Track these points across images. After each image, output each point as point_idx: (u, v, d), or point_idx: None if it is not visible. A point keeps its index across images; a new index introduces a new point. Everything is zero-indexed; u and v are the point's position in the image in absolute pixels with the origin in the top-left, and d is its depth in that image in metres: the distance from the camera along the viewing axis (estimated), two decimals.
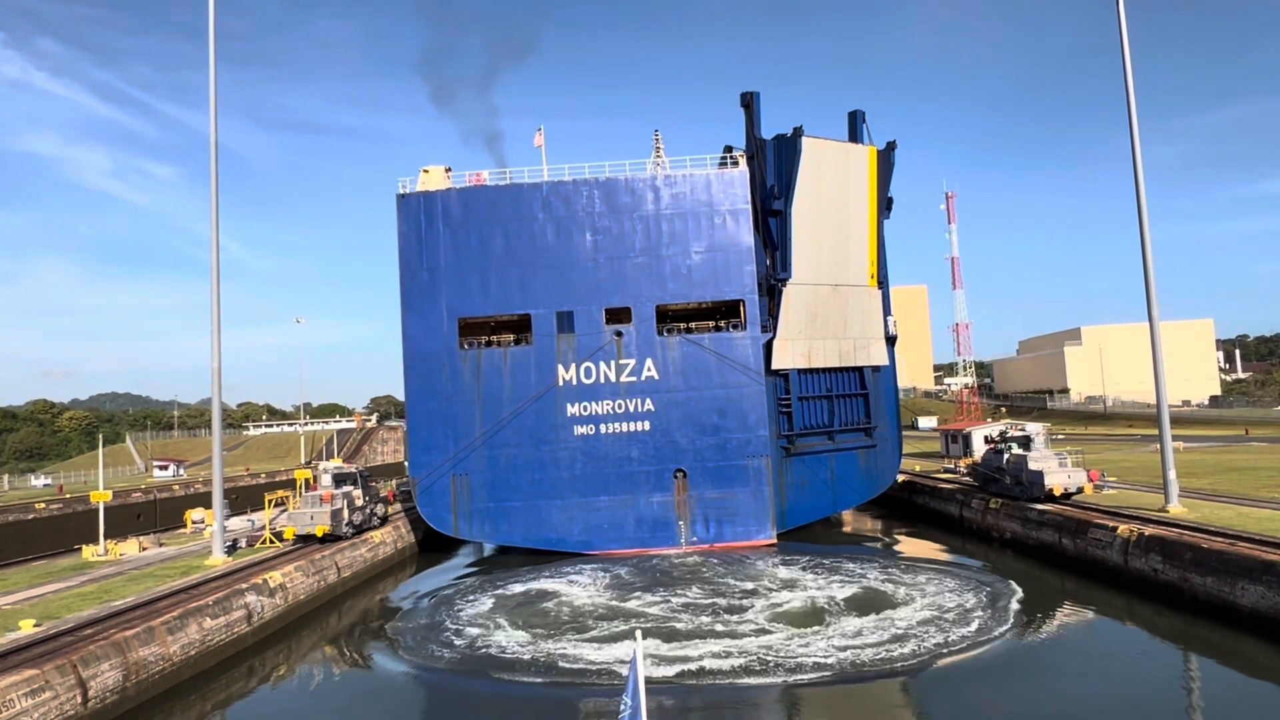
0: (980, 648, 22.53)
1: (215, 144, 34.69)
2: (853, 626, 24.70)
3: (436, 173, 44.80)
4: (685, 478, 42.74)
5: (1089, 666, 21.00)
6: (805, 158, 44.04)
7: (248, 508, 59.94)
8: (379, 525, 43.86)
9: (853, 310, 46.83)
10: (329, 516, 37.95)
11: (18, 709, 17.61)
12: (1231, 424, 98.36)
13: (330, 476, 40.86)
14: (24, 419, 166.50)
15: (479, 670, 23.00)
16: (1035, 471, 38.19)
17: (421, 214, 43.68)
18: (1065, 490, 37.34)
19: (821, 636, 23.80)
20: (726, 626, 25.56)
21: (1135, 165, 33.85)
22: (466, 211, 43.76)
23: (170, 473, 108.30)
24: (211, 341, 34.48)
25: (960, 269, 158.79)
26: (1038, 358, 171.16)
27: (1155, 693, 19.54)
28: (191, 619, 24.66)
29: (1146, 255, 33.64)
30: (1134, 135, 33.79)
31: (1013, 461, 40.34)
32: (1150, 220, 33.69)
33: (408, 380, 43.78)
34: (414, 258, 43.72)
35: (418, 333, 43.55)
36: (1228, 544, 25.31)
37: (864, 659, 21.68)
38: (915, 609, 26.62)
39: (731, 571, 34.91)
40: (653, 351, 43.31)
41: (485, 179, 44.95)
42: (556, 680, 21.58)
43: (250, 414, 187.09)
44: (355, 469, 43.93)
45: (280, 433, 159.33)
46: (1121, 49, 33.86)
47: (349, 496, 40.41)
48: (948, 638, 23.25)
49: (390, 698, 22.13)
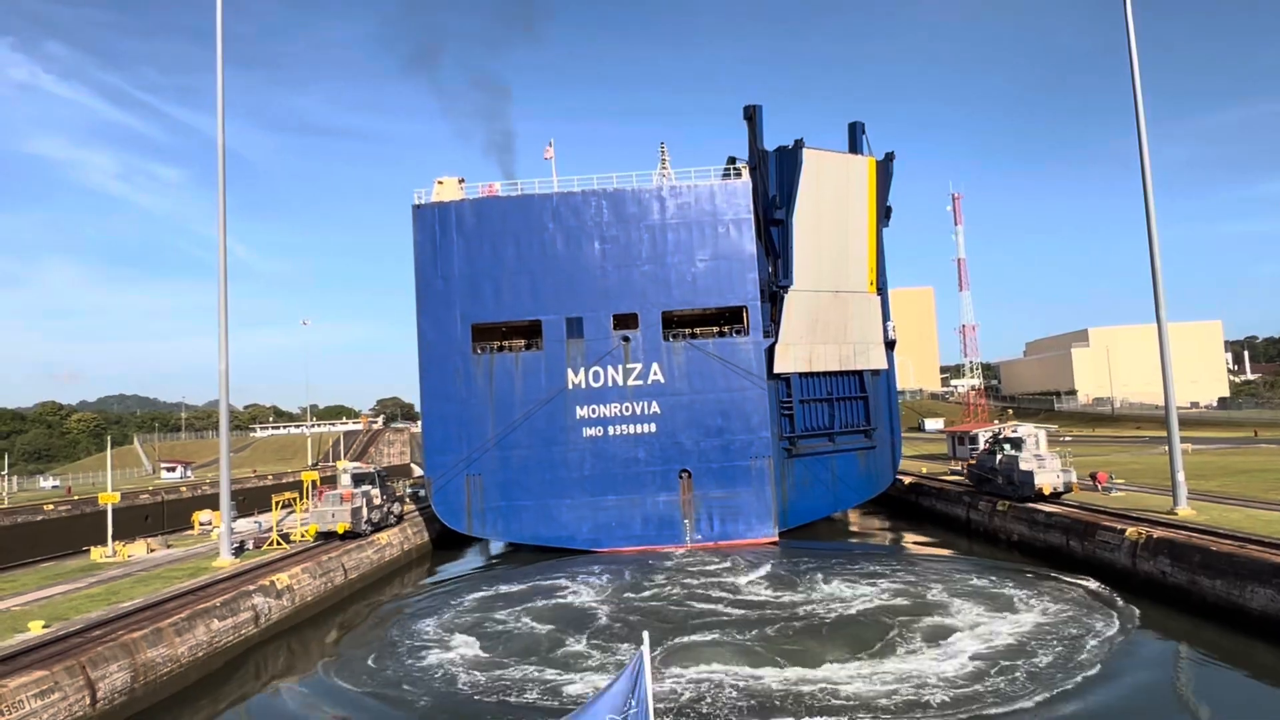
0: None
1: (223, 147, 35.48)
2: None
3: (450, 184, 47.10)
4: (690, 478, 44.96)
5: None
6: (806, 169, 46.23)
7: (255, 510, 60.80)
8: (396, 523, 46.18)
9: (853, 316, 49.01)
10: (349, 514, 40.29)
11: (27, 710, 17.87)
12: (1240, 425, 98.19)
13: (350, 476, 43.20)
14: (32, 421, 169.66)
15: (486, 667, 23.49)
16: (1025, 471, 40.33)
17: (436, 224, 45.98)
18: (1054, 489, 39.45)
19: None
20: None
21: (1143, 167, 33.80)
22: (480, 221, 46.05)
23: (178, 474, 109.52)
24: (218, 343, 35.22)
25: (967, 270, 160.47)
26: (1045, 359, 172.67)
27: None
28: (199, 620, 25.00)
29: (1154, 256, 33.64)
30: (1141, 136, 33.78)
31: (1005, 462, 42.48)
32: (1158, 221, 33.72)
33: (423, 384, 46.06)
34: (429, 265, 46.00)
35: (433, 338, 45.84)
36: (1237, 546, 25.34)
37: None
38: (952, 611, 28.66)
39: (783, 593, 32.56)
40: (659, 356, 45.54)
41: (498, 190, 47.32)
42: (568, 675, 22.30)
43: (257, 416, 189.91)
44: (374, 469, 46.30)
45: (287, 434, 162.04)
46: (1129, 51, 33.81)
47: (368, 495, 42.73)
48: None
49: (398, 696, 21.94)
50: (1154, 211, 33.74)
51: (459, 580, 39.47)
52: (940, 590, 30.12)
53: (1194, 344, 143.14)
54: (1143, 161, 33.80)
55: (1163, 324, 33.78)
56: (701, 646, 24.37)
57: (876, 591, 30.52)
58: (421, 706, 21.12)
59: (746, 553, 40.99)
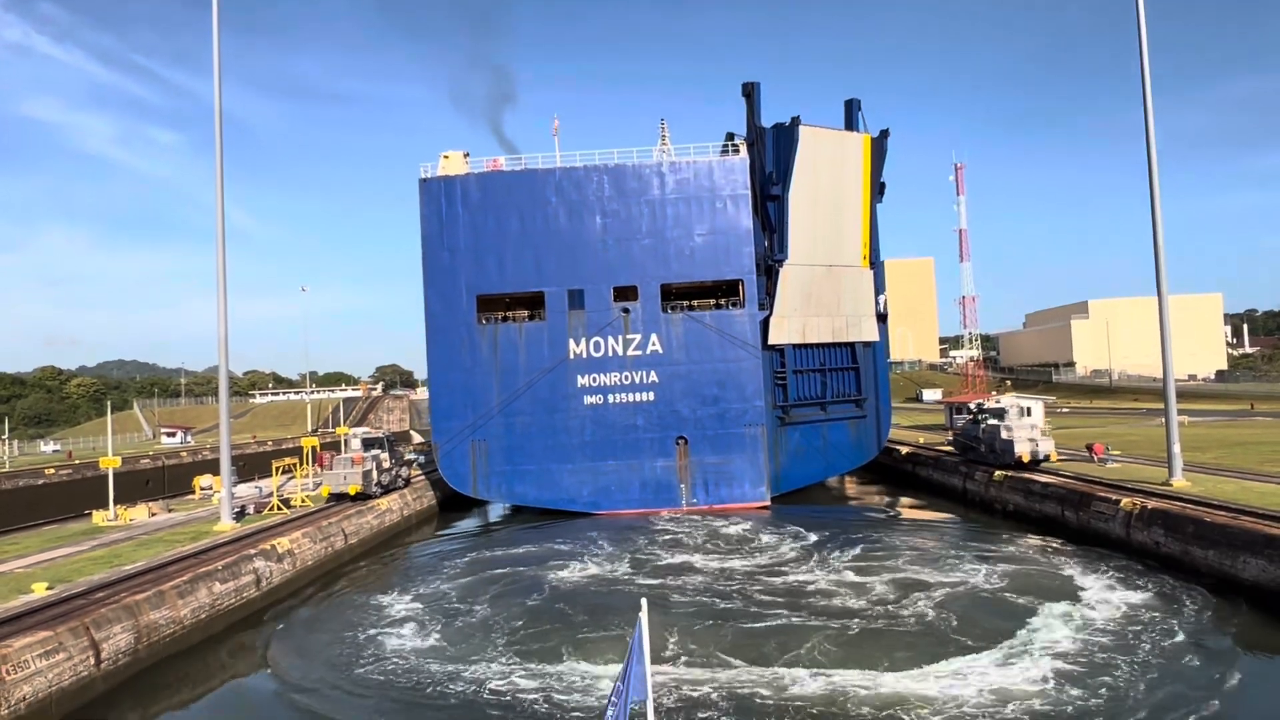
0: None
1: (219, 111, 35.73)
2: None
3: (456, 158, 49.10)
4: (687, 444, 47.56)
5: None
6: (802, 145, 48.24)
7: (255, 475, 61.84)
8: (404, 486, 48.87)
9: (845, 289, 51.31)
10: (360, 477, 42.94)
11: (33, 669, 18.32)
12: (1237, 398, 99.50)
13: (360, 441, 45.74)
14: (32, 385, 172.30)
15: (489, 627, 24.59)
16: (1006, 440, 42.98)
17: (442, 197, 48.06)
18: (1032, 456, 42.09)
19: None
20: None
21: (1148, 140, 33.83)
22: (484, 195, 48.12)
23: (178, 440, 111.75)
24: (218, 309, 35.88)
25: (968, 241, 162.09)
26: (1044, 331, 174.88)
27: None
28: (201, 583, 25.50)
29: (1157, 229, 33.88)
30: (1147, 109, 33.76)
31: (987, 431, 45.13)
32: (1162, 193, 33.74)
33: (430, 353, 48.44)
34: (435, 238, 48.15)
35: (439, 309, 48.14)
36: (1230, 518, 25.83)
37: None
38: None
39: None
40: (657, 327, 47.90)
41: (502, 164, 49.37)
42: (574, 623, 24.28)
43: (256, 382, 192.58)
44: (383, 434, 48.90)
45: (287, 401, 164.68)
46: (1137, 20, 33.81)
47: (377, 459, 45.34)
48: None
49: (405, 652, 22.56)
50: (1158, 186, 33.85)
51: (464, 538, 42.18)
52: (922, 549, 32.85)
53: (1194, 317, 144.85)
54: (1148, 135, 33.88)
55: (1163, 297, 34.13)
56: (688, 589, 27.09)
57: (867, 548, 33.33)
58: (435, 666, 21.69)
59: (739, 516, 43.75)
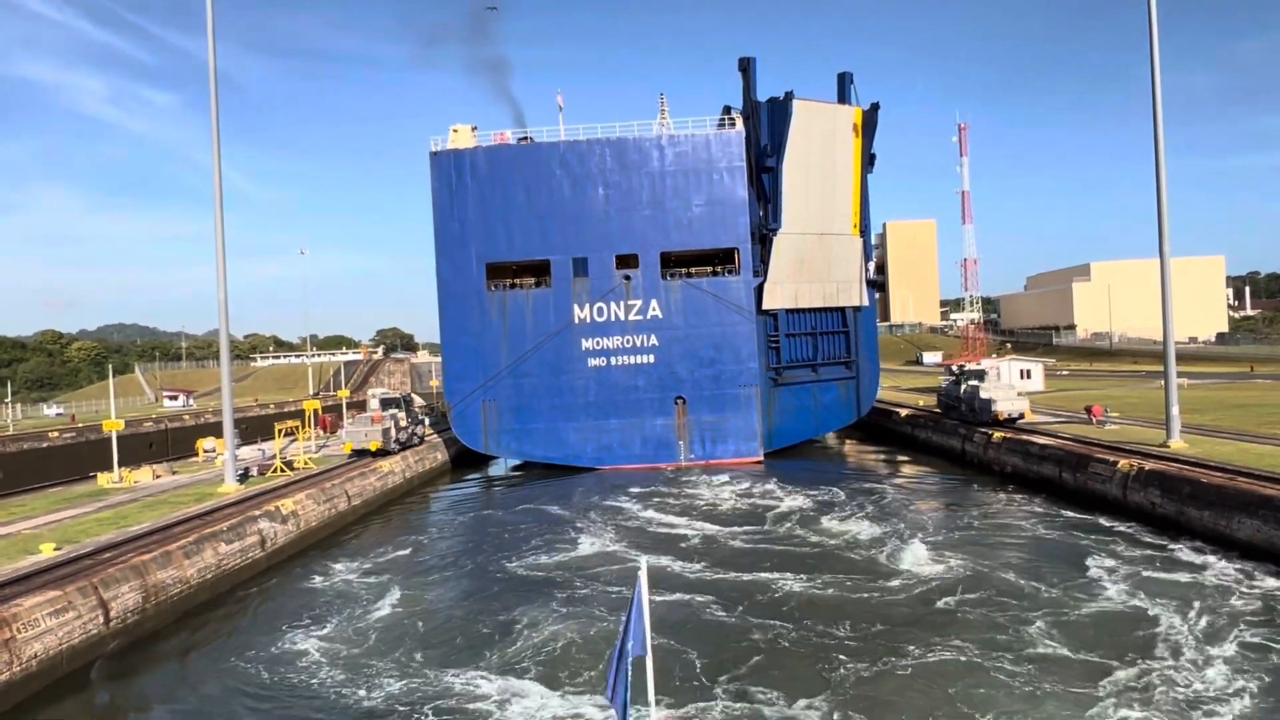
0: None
1: (214, 70, 36.30)
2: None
3: (464, 131, 52.60)
4: (685, 404, 51.74)
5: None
6: (796, 119, 51.70)
7: (258, 438, 63.36)
8: (419, 443, 53.15)
9: (836, 257, 55.13)
10: (380, 434, 47.16)
11: (43, 627, 18.82)
12: (1237, 361, 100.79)
13: (378, 400, 49.89)
14: (33, 349, 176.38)
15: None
16: (985, 400, 47.17)
17: (452, 170, 51.65)
18: (1009, 415, 46.24)
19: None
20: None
21: (1154, 101, 34.35)
22: (492, 168, 51.74)
23: (180, 403, 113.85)
24: (217, 272, 37.07)
25: (971, 203, 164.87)
26: (1045, 294, 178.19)
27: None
28: (207, 544, 26.19)
29: (1161, 192, 34.38)
30: (1154, 68, 34.07)
31: (968, 391, 49.29)
32: (1166, 153, 34.07)
33: (443, 318, 52.42)
34: (446, 209, 51.86)
35: (450, 276, 52.01)
36: (1226, 479, 26.58)
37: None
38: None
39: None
40: (657, 293, 51.79)
41: (509, 138, 52.96)
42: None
43: (257, 345, 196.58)
44: (400, 395, 53.10)
45: (288, 364, 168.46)
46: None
47: (395, 418, 49.54)
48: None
49: (414, 610, 23.90)
50: (1163, 147, 34.40)
51: (475, 491, 46.45)
52: (894, 494, 37.10)
53: (1195, 279, 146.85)
54: (1154, 96, 34.47)
55: (1165, 259, 34.75)
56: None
57: (845, 497, 37.59)
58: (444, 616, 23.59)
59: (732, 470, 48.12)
